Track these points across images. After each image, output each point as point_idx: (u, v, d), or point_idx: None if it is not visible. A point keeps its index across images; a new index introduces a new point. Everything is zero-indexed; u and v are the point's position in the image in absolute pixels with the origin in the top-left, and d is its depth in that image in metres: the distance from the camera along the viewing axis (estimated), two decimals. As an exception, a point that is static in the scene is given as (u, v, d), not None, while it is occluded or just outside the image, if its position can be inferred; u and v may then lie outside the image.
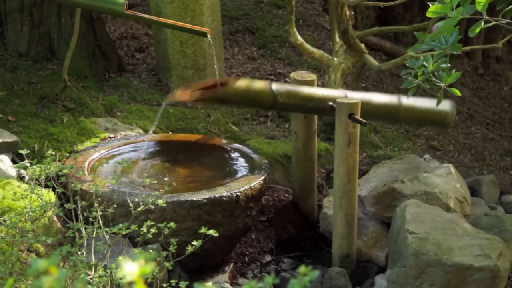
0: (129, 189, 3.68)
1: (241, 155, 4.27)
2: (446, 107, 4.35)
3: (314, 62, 6.16)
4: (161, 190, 3.11)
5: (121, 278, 2.33)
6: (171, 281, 2.89)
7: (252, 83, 4.04)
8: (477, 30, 2.47)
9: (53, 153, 3.35)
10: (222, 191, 3.73)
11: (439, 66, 2.87)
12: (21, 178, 3.95)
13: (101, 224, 2.87)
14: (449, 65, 2.92)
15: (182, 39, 5.51)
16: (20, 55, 5.28)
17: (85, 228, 2.84)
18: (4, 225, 3.35)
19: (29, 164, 3.19)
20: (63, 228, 3.62)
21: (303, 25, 6.87)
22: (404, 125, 6.02)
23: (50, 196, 3.63)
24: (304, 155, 4.43)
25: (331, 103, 3.96)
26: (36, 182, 3.17)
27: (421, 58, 2.94)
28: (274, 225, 4.37)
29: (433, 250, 3.66)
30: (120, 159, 3.71)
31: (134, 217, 2.95)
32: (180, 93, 3.89)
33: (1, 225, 3.43)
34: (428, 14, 2.46)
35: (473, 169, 5.86)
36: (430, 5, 2.45)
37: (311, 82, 4.26)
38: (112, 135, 4.57)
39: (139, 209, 2.97)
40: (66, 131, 4.47)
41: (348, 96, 4.08)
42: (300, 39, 5.24)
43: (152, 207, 3.08)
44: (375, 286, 3.89)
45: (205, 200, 3.65)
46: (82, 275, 2.63)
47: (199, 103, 4.48)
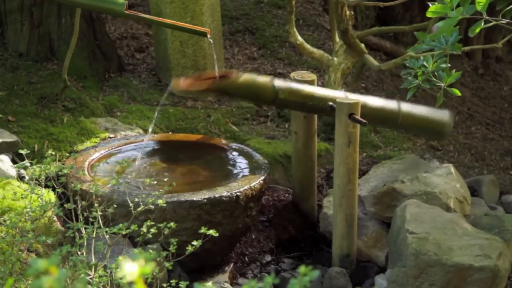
0: (129, 189, 3.68)
1: (241, 155, 4.27)
2: (445, 117, 4.40)
3: (314, 62, 6.16)
4: (161, 190, 3.11)
5: (121, 278, 2.33)
6: (171, 281, 2.89)
7: (255, 77, 4.03)
8: (477, 30, 2.47)
9: (53, 153, 3.34)
10: (222, 191, 3.73)
11: (439, 66, 2.87)
12: (21, 178, 3.95)
13: (101, 224, 2.86)
14: (449, 65, 2.92)
15: (182, 39, 5.51)
16: (20, 55, 5.28)
17: (85, 228, 2.84)
18: (4, 225, 3.35)
19: (29, 164, 3.19)
20: (63, 228, 3.62)
21: (303, 25, 6.87)
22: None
23: (50, 196, 3.63)
24: (304, 155, 4.43)
25: (331, 103, 3.96)
26: (36, 182, 3.17)
27: (421, 58, 2.94)
28: (274, 225, 4.37)
29: (433, 250, 3.66)
30: (120, 159, 3.71)
31: (134, 217, 2.95)
32: (181, 82, 3.88)
33: (1, 225, 3.43)
34: (428, 14, 2.46)
35: (473, 169, 5.86)
36: (430, 5, 2.45)
37: (311, 82, 4.26)
38: (112, 135, 4.57)
39: (139, 209, 2.97)
40: (66, 131, 4.47)
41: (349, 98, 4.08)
42: (300, 39, 5.24)
43: (152, 207, 3.08)
44: (375, 286, 3.89)
45: (205, 200, 3.65)
46: (82, 275, 2.63)
47: (200, 94, 4.46)
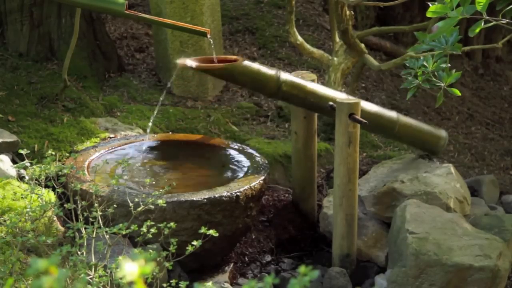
0: (129, 189, 3.68)
1: (241, 155, 4.27)
2: (442, 132, 4.59)
3: (314, 62, 6.16)
4: (161, 190, 3.11)
5: (121, 278, 2.33)
6: (171, 281, 2.89)
7: (261, 66, 4.07)
8: (477, 30, 2.48)
9: (53, 153, 3.34)
10: (222, 191, 3.73)
11: (439, 66, 2.87)
12: (21, 178, 3.95)
13: (101, 224, 2.86)
14: (449, 65, 2.92)
15: (182, 39, 5.51)
16: (20, 55, 5.28)
17: (85, 228, 2.84)
18: (4, 225, 3.35)
19: (29, 164, 3.19)
20: (63, 228, 3.62)
21: (303, 25, 6.87)
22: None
23: (50, 196, 3.63)
24: (304, 155, 4.43)
25: (331, 103, 3.97)
26: (36, 182, 3.17)
27: (421, 58, 2.94)
28: (274, 225, 4.37)
29: (433, 250, 3.66)
30: (120, 159, 3.70)
31: (134, 217, 2.95)
32: (189, 61, 3.91)
33: (1, 225, 3.43)
34: (428, 14, 2.46)
35: (473, 169, 5.86)
36: (430, 5, 2.45)
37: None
38: (112, 135, 4.57)
39: (139, 209, 2.97)
40: (66, 131, 4.47)
41: None
42: (300, 39, 5.24)
43: (152, 207, 3.08)
44: (375, 286, 3.89)
45: (205, 200, 3.65)
46: (82, 275, 2.63)
47: (206, 73, 4.46)
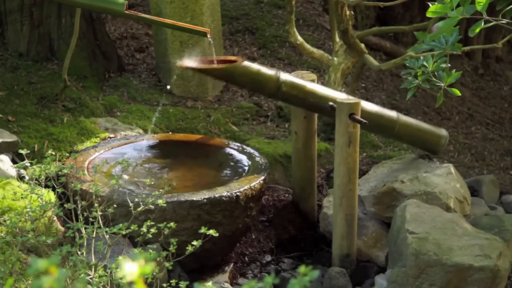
0: (129, 189, 3.68)
1: (241, 155, 4.27)
2: (442, 131, 4.59)
3: (314, 62, 6.16)
4: (161, 190, 3.11)
5: (121, 278, 2.33)
6: (171, 281, 2.89)
7: (260, 67, 4.08)
8: (477, 30, 2.48)
9: (53, 153, 3.34)
10: (222, 191, 3.73)
11: (439, 66, 2.87)
12: (21, 178, 3.95)
13: (101, 224, 2.86)
14: (449, 65, 2.92)
15: (182, 39, 5.51)
16: (20, 55, 5.28)
17: (85, 228, 2.84)
18: (4, 225, 3.35)
19: (29, 164, 3.19)
20: (63, 228, 3.62)
21: (303, 25, 6.87)
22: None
23: (50, 196, 3.63)
24: (304, 155, 4.43)
25: (331, 103, 3.97)
26: (36, 182, 3.17)
27: (421, 58, 2.94)
28: (274, 225, 4.37)
29: (433, 250, 3.66)
30: (120, 159, 3.70)
31: (134, 217, 2.95)
32: (190, 61, 3.91)
33: (1, 225, 3.43)
34: (428, 14, 2.46)
35: (473, 169, 5.86)
36: (430, 5, 2.45)
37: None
38: (112, 135, 4.57)
39: (139, 209, 2.97)
40: (66, 131, 4.47)
41: None
42: (300, 39, 5.24)
43: (152, 207, 3.08)
44: (375, 286, 3.89)
45: (205, 200, 3.65)
46: (82, 275, 2.63)
47: (205, 74, 4.47)
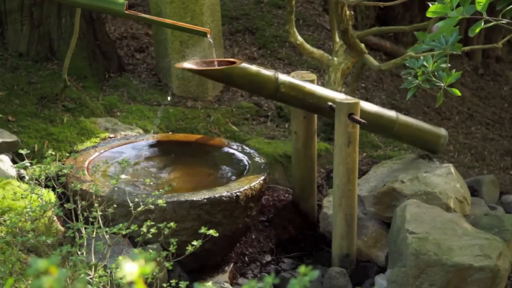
0: (129, 189, 3.68)
1: (241, 155, 4.27)
2: (441, 131, 4.59)
3: (314, 62, 6.16)
4: (161, 190, 3.11)
5: (121, 278, 2.33)
6: (171, 281, 2.89)
7: (259, 68, 4.08)
8: (477, 30, 2.48)
9: (53, 153, 3.34)
10: (222, 191, 3.73)
11: (439, 66, 2.87)
12: (21, 178, 3.95)
13: (101, 224, 2.86)
14: (449, 65, 2.92)
15: (182, 39, 5.51)
16: (20, 55, 5.28)
17: (85, 228, 2.84)
18: (4, 225, 3.35)
19: (29, 164, 3.19)
20: (63, 228, 3.62)
21: (303, 25, 6.87)
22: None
23: (50, 196, 3.63)
24: (304, 155, 4.43)
25: (331, 103, 3.97)
26: (36, 182, 3.17)
27: (421, 58, 2.94)
28: (274, 225, 4.37)
29: (433, 250, 3.66)
30: (120, 159, 3.70)
31: (134, 217, 2.95)
32: (187, 64, 3.92)
33: (1, 225, 3.43)
34: (428, 14, 2.46)
35: (473, 169, 5.86)
36: (430, 5, 2.45)
37: (311, 82, 4.26)
38: (112, 135, 4.57)
39: (139, 209, 2.97)
40: (66, 131, 4.47)
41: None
42: (300, 39, 5.24)
43: (152, 207, 3.08)
44: (375, 286, 3.89)
45: (205, 200, 3.65)
46: (82, 275, 2.63)
47: (204, 75, 4.47)
